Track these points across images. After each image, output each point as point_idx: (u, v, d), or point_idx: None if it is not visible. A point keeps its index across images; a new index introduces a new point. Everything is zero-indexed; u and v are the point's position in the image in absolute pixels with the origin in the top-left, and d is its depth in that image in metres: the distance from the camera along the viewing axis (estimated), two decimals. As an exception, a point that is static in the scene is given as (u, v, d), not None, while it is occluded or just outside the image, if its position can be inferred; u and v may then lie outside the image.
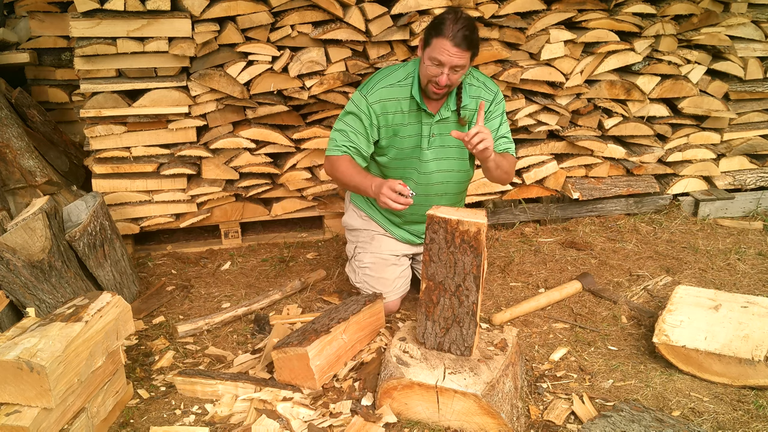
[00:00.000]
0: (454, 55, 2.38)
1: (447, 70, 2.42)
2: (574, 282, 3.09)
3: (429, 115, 2.63)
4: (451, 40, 2.36)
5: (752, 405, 2.28)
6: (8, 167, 3.14)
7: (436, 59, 2.42)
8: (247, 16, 3.05)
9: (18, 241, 2.53)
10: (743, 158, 3.95)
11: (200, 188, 3.38)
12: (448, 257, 2.17)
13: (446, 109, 2.63)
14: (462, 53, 2.39)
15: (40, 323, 2.08)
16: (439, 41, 2.39)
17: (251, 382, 2.33)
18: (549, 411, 2.26)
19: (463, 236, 2.13)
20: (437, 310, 2.24)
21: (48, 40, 3.78)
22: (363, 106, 2.61)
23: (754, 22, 3.59)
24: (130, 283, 3.09)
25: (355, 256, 2.92)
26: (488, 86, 2.69)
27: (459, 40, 2.36)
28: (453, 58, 2.39)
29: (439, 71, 2.43)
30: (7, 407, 1.92)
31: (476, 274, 2.15)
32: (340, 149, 2.64)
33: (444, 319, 2.23)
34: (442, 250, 2.17)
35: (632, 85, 3.58)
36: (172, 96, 3.13)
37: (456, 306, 2.21)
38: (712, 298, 2.65)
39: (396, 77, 2.63)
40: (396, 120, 2.64)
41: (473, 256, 2.14)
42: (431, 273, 2.21)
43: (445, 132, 2.66)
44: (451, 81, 2.46)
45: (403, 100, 2.62)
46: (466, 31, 2.38)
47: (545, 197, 3.82)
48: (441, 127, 2.66)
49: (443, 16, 2.43)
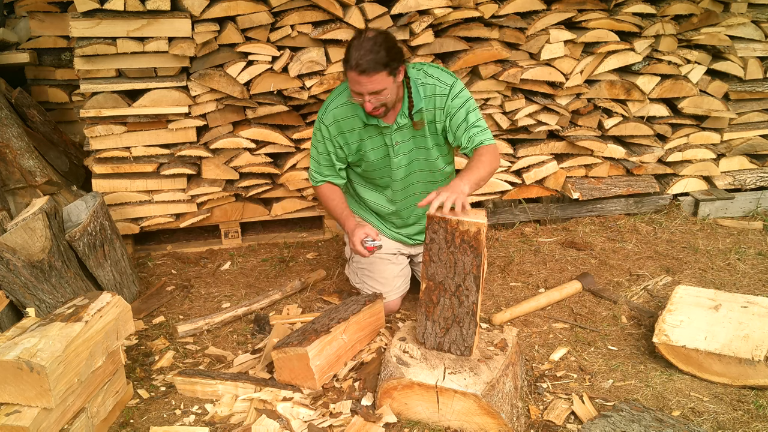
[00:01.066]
0: (365, 83, 2.34)
1: (367, 97, 2.38)
2: (574, 282, 3.09)
3: (386, 127, 2.60)
4: (355, 69, 2.31)
5: (752, 405, 2.28)
6: (8, 167, 3.14)
7: (354, 90, 2.40)
8: (247, 16, 3.05)
9: (18, 241, 2.53)
10: (743, 158, 3.95)
11: (200, 188, 3.38)
12: (448, 257, 2.17)
13: (402, 117, 2.58)
14: (371, 78, 2.33)
15: (40, 323, 2.08)
16: (349, 74, 2.36)
17: (251, 382, 2.33)
18: (549, 411, 2.26)
19: (463, 236, 2.13)
20: (437, 310, 2.24)
21: (48, 40, 3.78)
22: (323, 130, 2.64)
23: (754, 22, 3.59)
24: (130, 283, 3.09)
25: (352, 257, 2.93)
26: (442, 80, 2.56)
27: (363, 67, 2.30)
28: (365, 86, 2.35)
29: (361, 100, 2.41)
30: (7, 407, 1.92)
31: (476, 274, 2.15)
32: (316, 180, 2.77)
33: (444, 319, 2.23)
34: (442, 250, 2.17)
35: (632, 85, 3.58)
36: (172, 96, 3.13)
37: (456, 306, 2.21)
38: (712, 298, 2.65)
39: (345, 96, 2.60)
40: (354, 137, 2.63)
41: (473, 256, 2.14)
42: (431, 273, 2.21)
43: (407, 137, 2.63)
44: (381, 101, 2.42)
45: (356, 118, 2.60)
46: (369, 54, 2.30)
47: (545, 197, 3.82)
48: (403, 134, 2.62)
49: (349, 43, 2.38)
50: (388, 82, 2.38)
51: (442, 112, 2.57)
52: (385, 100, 2.44)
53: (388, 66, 2.35)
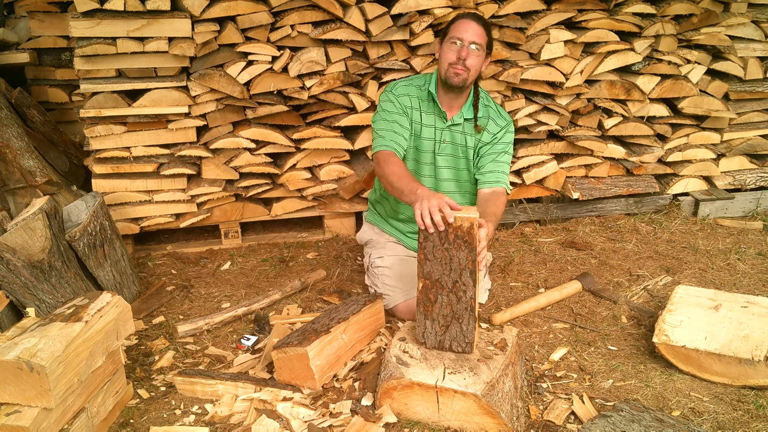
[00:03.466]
0: (472, 29, 2.50)
1: (467, 44, 2.50)
2: (574, 282, 3.09)
3: (443, 119, 2.68)
4: (470, 16, 2.54)
5: (752, 405, 2.28)
6: (8, 167, 3.14)
7: (456, 36, 2.52)
8: (247, 16, 3.06)
9: (18, 241, 2.53)
10: (743, 158, 3.95)
11: (200, 188, 3.38)
12: (443, 254, 2.16)
13: (459, 117, 2.67)
14: (479, 29, 2.51)
15: (40, 323, 2.08)
16: (458, 22, 2.54)
17: (251, 382, 2.33)
18: (549, 411, 2.26)
19: (457, 232, 2.12)
20: (435, 308, 2.23)
21: (48, 40, 3.79)
22: (392, 100, 2.69)
23: (754, 22, 3.59)
24: (130, 283, 3.09)
25: (372, 263, 2.93)
26: (503, 115, 2.74)
27: (477, 18, 2.53)
28: (472, 32, 2.50)
29: (459, 47, 2.52)
30: (7, 407, 1.92)
31: (472, 269, 2.15)
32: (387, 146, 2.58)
33: (443, 316, 2.23)
34: (437, 248, 2.16)
35: (632, 85, 3.58)
36: (172, 96, 3.14)
37: (454, 302, 2.20)
38: (712, 298, 2.65)
39: (414, 81, 2.75)
40: (416, 117, 2.71)
41: (468, 251, 2.13)
42: (427, 271, 2.21)
43: (454, 140, 2.71)
44: (470, 60, 2.52)
45: (421, 99, 2.70)
46: (483, 20, 2.56)
47: (545, 197, 3.82)
48: (452, 134, 2.71)
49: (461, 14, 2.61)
50: (483, 51, 2.56)
51: (491, 136, 2.69)
52: (474, 65, 2.55)
53: (489, 38, 2.57)
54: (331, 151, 3.47)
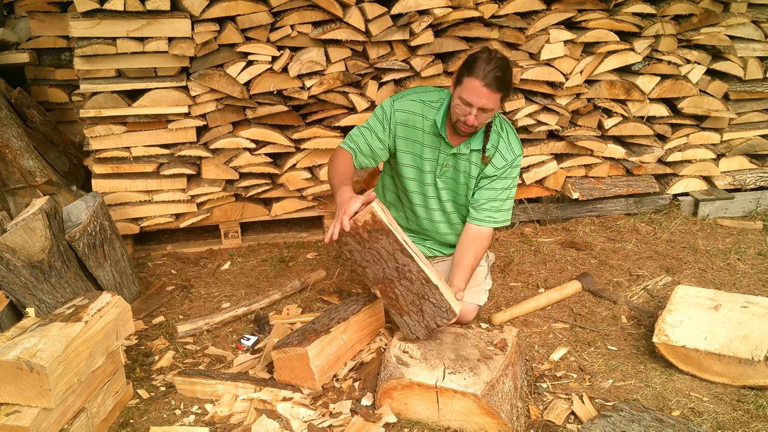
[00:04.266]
0: (483, 96, 2.33)
1: (476, 111, 2.37)
2: (574, 282, 3.09)
3: (448, 146, 2.59)
4: (482, 80, 2.31)
5: (752, 405, 2.28)
6: (8, 167, 3.14)
7: (465, 99, 2.37)
8: (247, 16, 3.05)
9: (18, 241, 2.53)
10: (743, 158, 3.95)
11: (200, 188, 3.38)
12: (370, 253, 2.20)
13: (466, 146, 2.58)
14: (491, 94, 2.33)
15: (40, 323, 2.08)
16: (470, 81, 2.34)
17: (251, 382, 2.33)
18: (549, 411, 2.26)
19: (366, 227, 2.16)
20: (401, 302, 2.27)
21: (48, 40, 3.78)
22: (387, 108, 2.63)
23: (754, 22, 3.59)
24: (130, 283, 3.09)
25: None
26: (512, 146, 2.61)
27: (490, 80, 2.30)
28: (482, 99, 2.34)
29: (468, 111, 2.39)
30: (7, 407, 1.92)
31: (401, 248, 2.18)
32: (347, 145, 2.64)
33: (410, 303, 2.25)
34: (363, 251, 2.21)
35: (632, 85, 3.58)
36: (172, 96, 3.13)
37: (409, 286, 2.23)
38: (712, 298, 2.65)
39: (429, 97, 2.61)
40: (417, 136, 2.62)
41: (386, 237, 2.17)
42: (372, 276, 2.26)
43: (457, 167, 2.63)
44: (479, 122, 2.42)
45: (426, 121, 2.59)
46: (498, 72, 2.31)
47: (545, 197, 3.82)
48: (455, 161, 2.62)
49: (476, 55, 2.38)
50: (498, 106, 2.41)
51: (494, 169, 2.59)
52: (484, 122, 2.45)
53: (506, 91, 2.39)
54: (331, 151, 3.47)
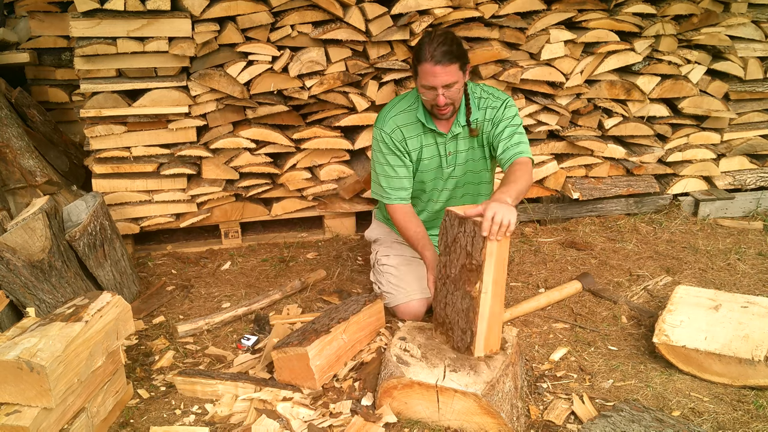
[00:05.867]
0: (439, 74, 2.40)
1: (440, 90, 2.44)
2: (574, 282, 3.09)
3: (441, 135, 2.67)
4: (431, 60, 2.39)
5: (752, 405, 2.28)
6: (8, 167, 3.14)
7: (426, 85, 2.45)
8: (247, 16, 3.06)
9: (18, 241, 2.53)
10: (743, 158, 3.95)
11: (200, 188, 3.38)
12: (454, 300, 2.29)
13: (457, 126, 2.65)
14: (446, 68, 2.40)
15: (40, 323, 2.08)
16: (422, 67, 2.43)
17: (251, 382, 2.33)
18: (549, 411, 2.26)
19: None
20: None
21: (48, 40, 3.79)
22: (386, 141, 2.66)
23: (754, 22, 3.59)
24: (130, 283, 3.09)
25: (378, 260, 2.93)
26: (496, 96, 2.68)
27: (439, 57, 2.38)
28: (439, 77, 2.41)
29: (434, 94, 2.46)
30: (7, 407, 1.92)
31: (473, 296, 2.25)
32: (391, 198, 2.69)
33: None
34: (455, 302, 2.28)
35: (632, 85, 3.58)
36: (172, 96, 3.14)
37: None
38: (712, 298, 2.65)
39: (403, 105, 2.69)
40: (416, 144, 2.68)
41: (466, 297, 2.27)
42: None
43: (461, 148, 2.70)
44: (451, 97, 2.48)
45: (415, 124, 2.66)
46: (444, 46, 2.39)
47: (545, 197, 3.82)
48: (457, 144, 2.70)
49: (420, 41, 2.46)
50: (459, 75, 2.46)
51: (491, 123, 2.64)
52: (455, 96, 2.50)
53: (460, 59, 2.43)
54: (331, 151, 3.47)
